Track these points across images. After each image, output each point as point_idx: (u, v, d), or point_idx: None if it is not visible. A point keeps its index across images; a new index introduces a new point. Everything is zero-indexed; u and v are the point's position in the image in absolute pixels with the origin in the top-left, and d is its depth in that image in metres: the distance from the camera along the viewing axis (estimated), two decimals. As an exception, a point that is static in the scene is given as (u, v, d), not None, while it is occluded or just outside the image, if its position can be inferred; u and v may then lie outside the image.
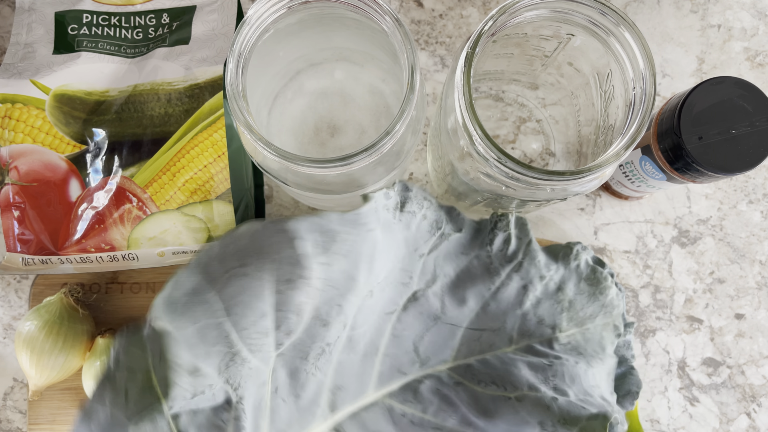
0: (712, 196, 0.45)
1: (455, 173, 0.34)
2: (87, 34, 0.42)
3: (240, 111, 0.28)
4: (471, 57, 0.27)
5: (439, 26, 0.46)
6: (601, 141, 0.33)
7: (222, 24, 0.42)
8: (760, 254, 0.44)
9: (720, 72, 0.45)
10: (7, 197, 0.39)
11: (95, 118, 0.39)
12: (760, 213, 0.45)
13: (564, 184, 0.27)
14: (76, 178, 0.39)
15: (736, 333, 0.44)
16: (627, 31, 0.28)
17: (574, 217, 0.45)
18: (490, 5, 0.46)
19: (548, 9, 0.28)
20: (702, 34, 0.46)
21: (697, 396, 0.43)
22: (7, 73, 0.40)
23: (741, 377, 0.43)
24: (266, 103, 0.38)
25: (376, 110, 0.39)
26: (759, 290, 0.44)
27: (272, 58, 0.35)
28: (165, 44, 0.41)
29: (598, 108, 0.34)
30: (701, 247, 0.44)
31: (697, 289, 0.44)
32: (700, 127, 0.33)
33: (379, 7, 0.29)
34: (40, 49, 0.41)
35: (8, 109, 0.39)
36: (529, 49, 0.34)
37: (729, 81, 0.33)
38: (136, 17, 0.42)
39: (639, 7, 0.46)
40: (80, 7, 0.42)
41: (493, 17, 0.27)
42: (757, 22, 0.46)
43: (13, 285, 0.45)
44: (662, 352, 0.44)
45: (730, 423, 0.43)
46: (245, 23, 0.29)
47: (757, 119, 0.33)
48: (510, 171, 0.27)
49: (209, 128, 0.39)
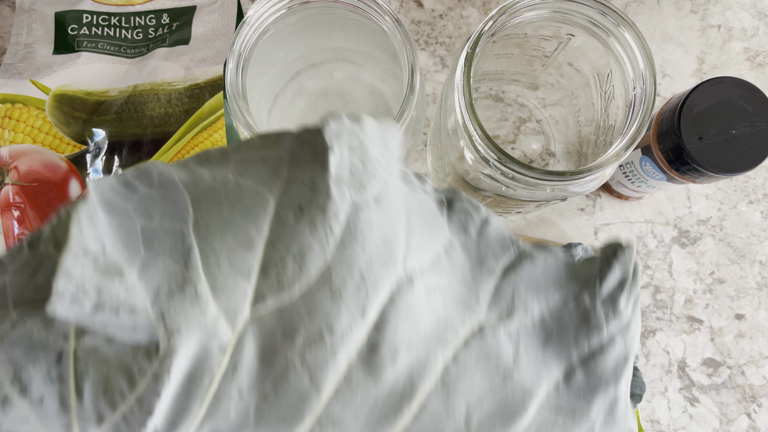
0: (713, 196, 0.45)
1: (455, 173, 0.34)
2: (87, 35, 0.42)
3: (240, 111, 0.28)
4: (471, 57, 0.27)
5: (439, 26, 0.46)
6: (602, 141, 0.33)
7: (222, 24, 0.42)
8: (761, 254, 0.44)
9: (720, 72, 0.45)
10: (7, 197, 0.39)
11: (95, 119, 0.39)
12: (761, 213, 0.45)
13: (564, 184, 0.27)
14: (76, 179, 0.39)
15: (737, 333, 0.44)
16: (627, 32, 0.28)
17: (575, 217, 0.45)
18: (490, 5, 0.46)
19: (548, 9, 0.28)
20: (702, 34, 0.46)
21: (698, 396, 0.43)
22: (7, 73, 0.40)
23: (741, 378, 0.43)
24: (266, 104, 0.38)
25: (376, 110, 0.39)
26: (759, 290, 0.44)
27: (272, 59, 0.35)
28: (165, 44, 0.41)
29: (598, 108, 0.34)
30: (701, 248, 0.44)
31: (697, 290, 0.44)
32: (701, 127, 0.33)
33: (379, 8, 0.29)
34: (40, 49, 0.41)
35: (8, 109, 0.39)
36: (529, 49, 0.34)
37: (729, 81, 0.33)
38: (136, 17, 0.42)
39: (639, 7, 0.46)
40: (80, 7, 0.42)
41: (493, 17, 0.27)
42: (757, 23, 0.46)
43: (13, 285, 0.45)
44: (662, 353, 0.44)
45: (730, 423, 0.43)
46: (245, 23, 0.29)
47: (758, 119, 0.33)
48: (510, 171, 0.27)
49: (209, 128, 0.39)
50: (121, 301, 0.19)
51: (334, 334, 0.20)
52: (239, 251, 0.19)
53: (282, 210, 0.20)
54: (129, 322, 0.19)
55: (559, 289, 0.24)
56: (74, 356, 0.19)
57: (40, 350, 0.19)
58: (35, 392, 0.19)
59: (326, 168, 0.19)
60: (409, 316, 0.21)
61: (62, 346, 0.19)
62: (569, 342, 0.23)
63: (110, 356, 0.19)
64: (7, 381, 0.19)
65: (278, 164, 0.20)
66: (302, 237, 0.20)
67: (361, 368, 0.21)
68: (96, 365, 0.19)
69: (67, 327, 0.19)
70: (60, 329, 0.19)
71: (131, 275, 0.19)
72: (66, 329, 0.19)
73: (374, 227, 0.20)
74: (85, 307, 0.18)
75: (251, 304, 0.20)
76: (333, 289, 0.20)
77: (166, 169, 0.20)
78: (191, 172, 0.21)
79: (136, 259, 0.19)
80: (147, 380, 0.19)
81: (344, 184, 0.20)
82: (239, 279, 0.19)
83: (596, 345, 0.23)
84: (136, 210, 0.20)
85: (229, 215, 0.20)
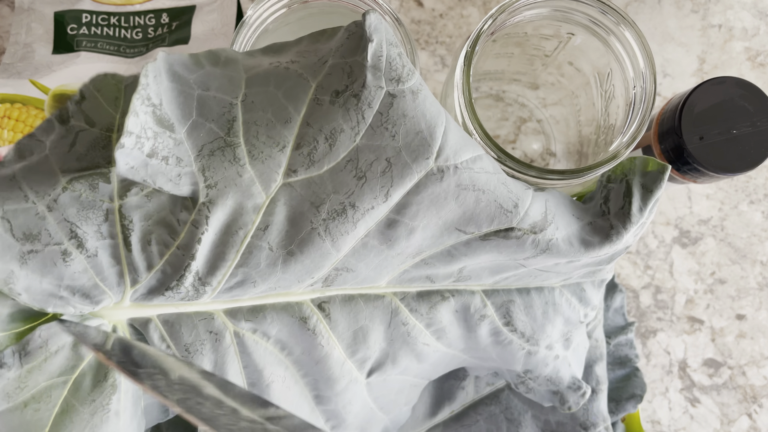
0: (713, 196, 0.45)
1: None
2: (86, 34, 0.42)
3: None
4: (471, 56, 0.27)
5: (439, 26, 0.46)
6: (602, 141, 0.33)
7: (221, 24, 0.42)
8: (761, 255, 0.44)
9: (721, 72, 0.45)
10: (6, 197, 0.39)
11: (94, 118, 0.39)
12: (761, 213, 0.44)
13: (565, 183, 0.27)
14: (75, 178, 0.39)
15: (737, 334, 0.44)
16: (627, 31, 0.28)
17: (575, 217, 0.45)
18: (490, 4, 0.46)
19: (548, 8, 0.28)
20: (703, 33, 0.46)
21: (698, 397, 0.43)
22: (6, 73, 0.40)
23: (742, 378, 0.43)
24: (266, 103, 0.38)
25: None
26: (760, 291, 0.44)
27: (272, 58, 0.35)
28: (164, 44, 0.41)
29: (598, 108, 0.34)
30: (702, 248, 0.44)
31: (698, 290, 0.44)
32: (701, 127, 0.33)
33: (379, 7, 0.29)
34: (39, 48, 0.41)
35: (7, 109, 0.39)
36: (530, 48, 0.34)
37: (730, 81, 0.33)
38: (135, 17, 0.42)
39: (640, 6, 0.46)
40: (79, 6, 0.42)
41: (492, 16, 0.27)
42: (758, 22, 0.46)
43: (12, 285, 0.45)
44: (663, 353, 0.43)
45: (731, 424, 0.43)
46: (245, 23, 0.29)
47: (758, 119, 0.33)
48: (511, 171, 0.27)
49: (209, 128, 0.39)
50: (171, 151, 0.21)
51: (357, 210, 0.23)
52: (277, 125, 0.22)
53: (320, 93, 0.22)
54: (175, 172, 0.21)
55: (576, 219, 0.27)
56: (119, 213, 0.22)
57: (89, 210, 0.21)
58: (90, 246, 0.22)
59: (365, 57, 0.21)
60: (432, 204, 0.23)
61: (108, 206, 0.22)
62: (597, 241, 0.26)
63: (151, 211, 0.22)
64: (65, 237, 0.22)
65: (326, 54, 0.22)
66: (334, 119, 0.21)
67: (377, 237, 0.24)
68: (139, 219, 0.22)
69: (112, 189, 0.21)
70: (105, 191, 0.22)
71: (180, 131, 0.21)
72: (111, 191, 0.22)
73: (407, 118, 0.22)
74: (144, 149, 0.20)
75: (284, 173, 0.22)
76: (359, 171, 0.22)
77: (233, 53, 0.23)
78: (254, 59, 0.23)
79: (186, 120, 0.21)
80: (187, 228, 0.22)
81: (381, 74, 0.21)
82: (275, 150, 0.22)
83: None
84: (197, 82, 0.22)
85: (273, 94, 0.22)
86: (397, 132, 0.22)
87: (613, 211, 0.26)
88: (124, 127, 0.19)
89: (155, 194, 0.22)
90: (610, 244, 0.26)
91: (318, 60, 0.22)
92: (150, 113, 0.20)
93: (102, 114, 0.22)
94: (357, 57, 0.21)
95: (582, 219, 0.27)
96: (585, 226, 0.26)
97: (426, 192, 0.23)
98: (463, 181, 0.23)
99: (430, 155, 0.22)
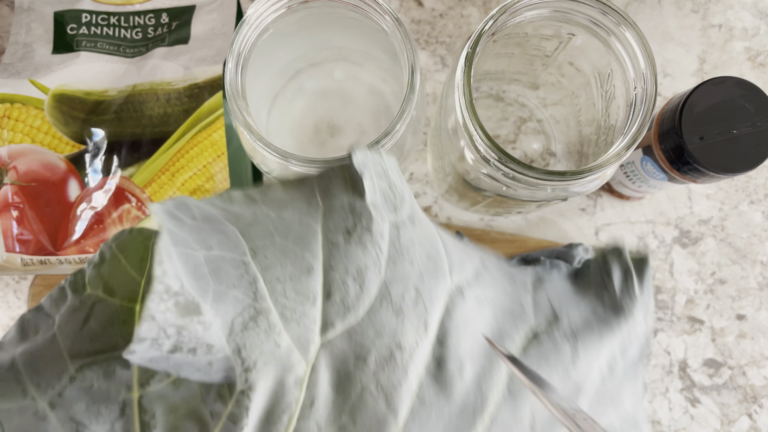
0: (714, 196, 0.45)
1: (455, 173, 0.34)
2: (86, 34, 0.42)
3: (239, 111, 0.28)
4: (471, 57, 0.27)
5: (440, 26, 0.46)
6: (602, 141, 0.33)
7: (221, 24, 0.42)
8: (762, 255, 0.44)
9: (721, 72, 0.45)
10: (6, 197, 0.39)
11: (94, 118, 0.39)
12: (762, 213, 0.44)
13: (565, 184, 0.27)
14: (75, 178, 0.39)
15: (738, 334, 0.44)
16: (628, 31, 0.28)
17: (575, 217, 0.45)
18: (490, 5, 0.46)
19: (549, 8, 0.28)
20: (703, 33, 0.46)
21: (699, 397, 0.43)
22: (5, 72, 0.40)
23: (742, 378, 0.43)
24: (266, 103, 0.38)
25: (376, 110, 0.39)
26: (760, 291, 0.44)
27: (272, 58, 0.34)
28: (164, 44, 0.41)
29: (599, 108, 0.34)
30: (702, 248, 0.44)
31: (698, 290, 0.44)
32: (702, 127, 0.33)
33: (379, 7, 0.29)
34: (39, 48, 0.41)
35: (7, 109, 0.39)
36: (530, 48, 0.34)
37: (730, 81, 0.33)
38: (135, 17, 0.42)
39: (640, 6, 0.46)
40: (79, 6, 0.42)
41: (493, 17, 0.27)
42: (759, 22, 0.46)
43: (11, 285, 0.45)
44: (663, 353, 0.43)
45: (731, 424, 0.43)
46: (244, 23, 0.29)
47: (759, 119, 0.33)
48: (511, 171, 0.27)
49: (208, 128, 0.39)
50: (199, 340, 0.17)
51: (404, 350, 0.20)
52: (301, 277, 0.19)
53: (330, 235, 0.20)
54: (205, 360, 0.18)
55: (582, 296, 0.26)
56: (139, 406, 0.18)
57: (102, 404, 0.18)
58: None
59: (362, 193, 0.21)
60: (467, 326, 0.21)
61: (125, 397, 0.18)
62: (608, 331, 0.25)
63: (178, 402, 0.18)
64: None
65: (311, 198, 0.21)
66: (356, 257, 0.20)
67: (431, 385, 0.20)
68: (163, 414, 0.18)
69: (130, 376, 0.18)
70: (122, 378, 0.18)
71: (207, 311, 0.18)
72: (129, 378, 0.18)
73: (416, 244, 0.21)
74: (163, 348, 0.17)
75: (321, 330, 0.19)
76: (394, 305, 0.20)
77: (200, 203, 0.21)
78: (223, 210, 0.21)
79: (208, 293, 0.18)
80: (222, 425, 0.18)
81: (379, 206, 0.21)
82: (306, 305, 0.19)
83: (626, 332, 0.25)
84: (195, 240, 0.19)
85: (283, 244, 0.20)
86: (413, 258, 0.21)
87: None
88: (134, 335, 0.17)
89: (184, 381, 0.18)
90: None
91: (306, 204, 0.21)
92: (173, 306, 0.17)
93: (124, 279, 0.19)
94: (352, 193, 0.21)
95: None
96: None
97: (456, 313, 0.21)
98: (478, 295, 0.22)
99: (446, 273, 0.21)
